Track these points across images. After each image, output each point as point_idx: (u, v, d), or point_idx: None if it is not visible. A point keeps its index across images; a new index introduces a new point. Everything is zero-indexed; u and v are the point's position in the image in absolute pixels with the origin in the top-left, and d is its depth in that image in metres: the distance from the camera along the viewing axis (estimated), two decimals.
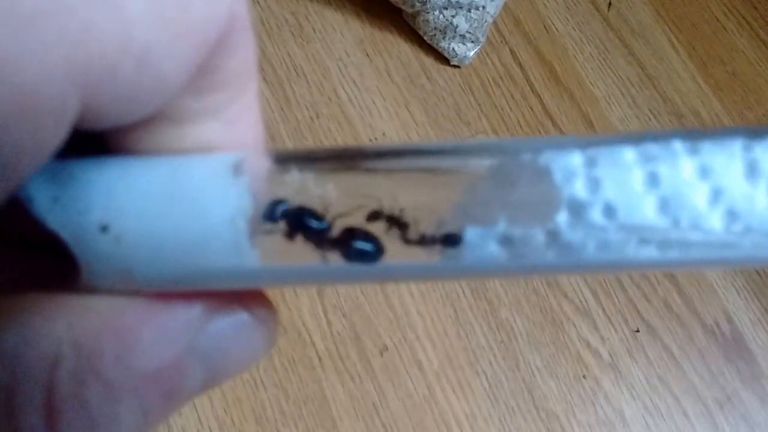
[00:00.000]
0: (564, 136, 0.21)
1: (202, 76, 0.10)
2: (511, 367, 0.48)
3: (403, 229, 0.11)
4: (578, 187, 0.10)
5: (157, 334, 0.11)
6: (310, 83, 0.54)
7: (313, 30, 0.56)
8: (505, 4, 0.57)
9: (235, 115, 0.11)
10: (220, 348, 0.12)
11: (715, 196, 0.10)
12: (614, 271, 0.11)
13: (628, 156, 0.10)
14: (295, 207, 0.11)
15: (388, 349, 0.47)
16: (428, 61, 0.56)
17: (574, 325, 0.50)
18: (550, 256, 0.11)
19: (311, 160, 0.11)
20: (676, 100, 0.58)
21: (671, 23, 0.61)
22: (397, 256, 0.11)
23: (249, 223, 0.10)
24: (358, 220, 0.11)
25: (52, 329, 0.10)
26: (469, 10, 0.54)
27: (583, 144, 0.11)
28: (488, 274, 0.11)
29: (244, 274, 0.11)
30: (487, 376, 0.47)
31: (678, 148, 0.10)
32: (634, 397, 0.48)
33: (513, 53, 0.58)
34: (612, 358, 0.49)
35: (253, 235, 0.11)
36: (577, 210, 0.10)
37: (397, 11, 0.56)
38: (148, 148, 0.11)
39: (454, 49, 0.55)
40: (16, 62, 0.08)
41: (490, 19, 0.55)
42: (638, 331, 0.50)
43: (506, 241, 0.11)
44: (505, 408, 0.47)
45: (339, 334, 0.46)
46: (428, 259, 0.11)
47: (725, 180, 0.10)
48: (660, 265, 0.11)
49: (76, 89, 0.09)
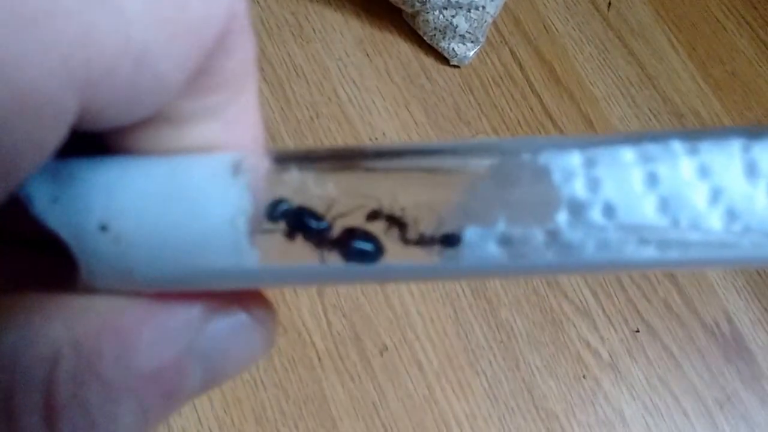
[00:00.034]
0: (563, 137, 0.21)
1: (201, 76, 0.10)
2: (510, 367, 0.48)
3: (403, 228, 0.11)
4: (578, 187, 0.10)
5: (157, 334, 0.11)
6: (310, 83, 0.54)
7: (313, 30, 0.56)
8: (505, 4, 0.57)
9: (235, 116, 0.11)
10: (220, 348, 0.12)
11: (715, 196, 0.10)
12: (614, 270, 0.11)
13: (628, 156, 0.10)
14: (295, 207, 0.11)
15: (388, 349, 0.47)
16: (428, 61, 0.56)
17: (574, 325, 0.50)
18: (549, 256, 0.11)
19: (311, 159, 0.11)
20: (676, 100, 0.58)
21: (671, 23, 0.61)
22: (397, 256, 0.11)
23: (249, 222, 0.10)
24: (358, 220, 0.11)
25: (52, 329, 0.10)
26: (469, 10, 0.54)
27: (583, 144, 0.11)
28: (488, 274, 0.11)
29: (243, 274, 0.11)
30: (486, 376, 0.47)
31: (677, 148, 0.10)
32: (634, 397, 0.48)
33: (513, 53, 0.58)
34: (612, 358, 0.49)
35: (253, 235, 0.11)
36: (577, 210, 0.10)
37: (397, 11, 0.56)
38: (148, 148, 0.11)
39: (453, 49, 0.55)
40: (16, 62, 0.08)
41: (490, 19, 0.55)
42: (638, 331, 0.50)
43: (506, 241, 0.11)
44: (504, 408, 0.47)
45: (339, 334, 0.46)
46: (428, 259, 0.11)
47: (724, 180, 0.10)
48: (659, 265, 0.11)
49: (75, 90, 0.09)
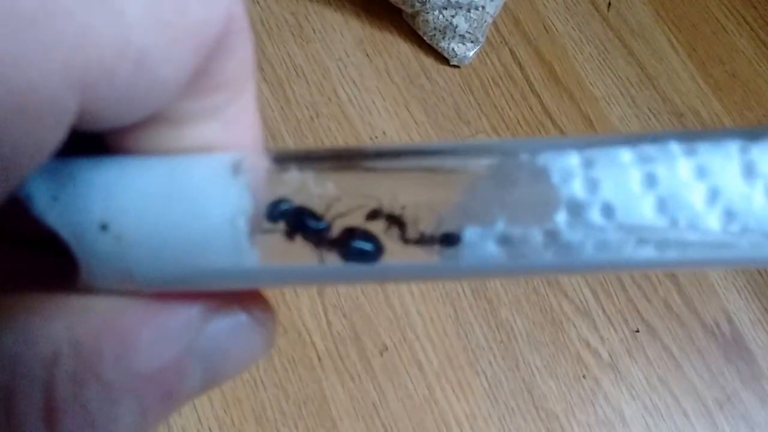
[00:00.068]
0: (562, 137, 0.21)
1: (200, 77, 0.10)
2: (510, 367, 0.48)
3: (403, 228, 0.11)
4: (576, 188, 0.10)
5: (157, 334, 0.11)
6: (310, 83, 0.54)
7: (313, 30, 0.56)
8: (505, 4, 0.57)
9: (234, 116, 0.11)
10: (220, 348, 0.12)
11: (713, 197, 0.10)
12: (613, 270, 0.11)
13: (625, 157, 0.10)
14: (295, 207, 0.11)
15: (388, 349, 0.47)
16: (428, 61, 0.56)
17: (574, 325, 0.50)
18: (548, 256, 0.11)
19: (311, 159, 0.11)
20: (676, 100, 0.58)
21: (671, 23, 0.61)
22: (397, 256, 0.11)
23: (249, 222, 0.10)
24: (358, 220, 0.11)
25: (52, 329, 0.10)
26: (469, 10, 0.54)
27: (581, 145, 0.11)
28: (487, 274, 0.11)
29: (243, 274, 0.11)
30: (486, 376, 0.47)
31: (675, 149, 0.10)
32: (634, 397, 0.48)
33: (513, 53, 0.58)
34: (612, 358, 0.49)
35: (253, 235, 0.11)
36: (576, 210, 0.10)
37: (397, 11, 0.56)
38: (147, 148, 0.11)
39: (453, 49, 0.55)
40: (15, 63, 0.08)
41: (490, 19, 0.55)
42: (638, 331, 0.50)
43: (505, 240, 0.11)
44: (504, 408, 0.47)
45: (339, 334, 0.46)
46: (427, 259, 0.11)
47: (722, 180, 0.10)
48: (658, 265, 0.11)
49: (74, 92, 0.09)
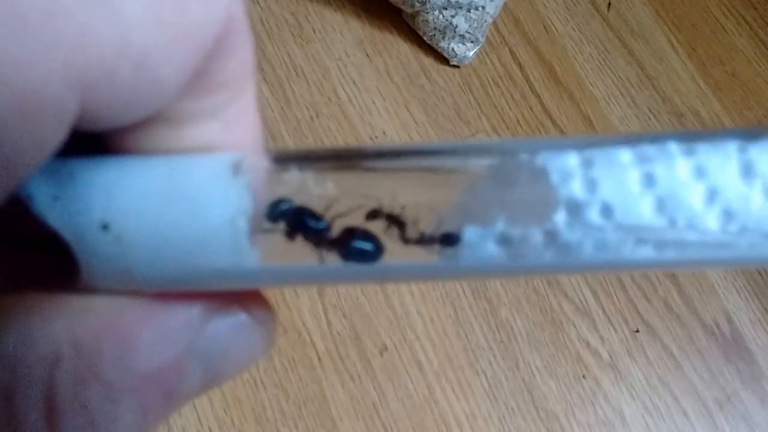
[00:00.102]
0: (561, 137, 0.21)
1: (200, 78, 0.10)
2: (510, 367, 0.48)
3: (402, 228, 0.11)
4: (575, 188, 0.10)
5: (157, 334, 0.11)
6: (310, 83, 0.54)
7: (313, 30, 0.56)
8: (505, 4, 0.57)
9: (234, 116, 0.11)
10: (220, 348, 0.12)
11: (711, 197, 0.10)
12: (612, 270, 0.11)
13: (624, 157, 0.10)
14: (295, 207, 0.11)
15: (388, 349, 0.47)
16: (428, 61, 0.56)
17: (574, 325, 0.50)
18: (548, 256, 0.11)
19: (311, 159, 0.11)
20: (676, 100, 0.58)
21: (671, 23, 0.61)
22: (396, 256, 0.11)
23: (249, 222, 0.10)
24: (358, 220, 0.11)
25: (52, 329, 0.10)
26: (469, 10, 0.54)
27: (580, 145, 0.11)
28: (487, 274, 0.11)
29: (243, 274, 0.11)
30: (486, 376, 0.47)
31: (673, 149, 0.10)
32: (634, 397, 0.48)
33: (512, 53, 0.58)
34: (612, 358, 0.49)
35: (253, 235, 0.11)
36: (575, 210, 0.10)
37: (397, 11, 0.57)
38: (147, 148, 0.11)
39: (453, 49, 0.55)
40: (16, 63, 0.08)
41: (490, 20, 0.55)
42: (638, 331, 0.50)
43: (505, 240, 0.11)
44: (504, 408, 0.47)
45: (339, 334, 0.46)
46: (427, 259, 0.11)
47: (720, 180, 0.10)
48: (657, 265, 0.11)
49: (74, 92, 0.09)
